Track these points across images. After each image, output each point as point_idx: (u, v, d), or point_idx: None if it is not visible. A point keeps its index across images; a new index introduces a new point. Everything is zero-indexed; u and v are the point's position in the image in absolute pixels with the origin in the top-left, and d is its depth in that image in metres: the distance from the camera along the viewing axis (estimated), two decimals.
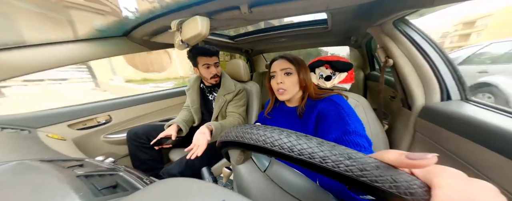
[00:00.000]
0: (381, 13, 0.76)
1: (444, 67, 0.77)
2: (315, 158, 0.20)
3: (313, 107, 0.69)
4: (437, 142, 0.69)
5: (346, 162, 0.19)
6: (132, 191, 0.39)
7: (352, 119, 0.57)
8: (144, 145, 1.09)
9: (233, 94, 1.15)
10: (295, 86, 0.72)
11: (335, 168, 0.19)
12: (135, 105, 1.33)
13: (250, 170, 0.37)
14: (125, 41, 1.00)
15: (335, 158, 0.19)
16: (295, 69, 0.71)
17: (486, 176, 0.51)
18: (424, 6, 0.60)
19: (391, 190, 0.17)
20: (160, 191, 0.29)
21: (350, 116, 0.59)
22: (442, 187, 0.16)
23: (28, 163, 0.41)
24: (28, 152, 0.67)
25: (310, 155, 0.21)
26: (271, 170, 0.37)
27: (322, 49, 3.46)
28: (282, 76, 0.72)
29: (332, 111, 0.62)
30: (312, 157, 0.20)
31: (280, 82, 0.71)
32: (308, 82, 0.72)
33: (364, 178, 0.18)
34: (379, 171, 0.18)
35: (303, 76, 0.71)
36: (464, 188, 0.15)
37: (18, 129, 0.86)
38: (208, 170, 0.56)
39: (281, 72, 0.72)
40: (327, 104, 0.65)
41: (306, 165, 0.21)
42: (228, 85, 1.16)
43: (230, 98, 1.15)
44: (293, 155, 0.22)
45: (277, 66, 0.73)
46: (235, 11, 0.66)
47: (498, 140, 0.49)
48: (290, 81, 0.71)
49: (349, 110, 0.61)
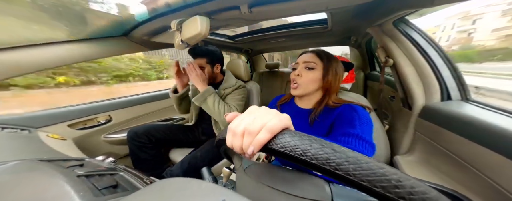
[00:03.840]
0: (381, 13, 0.76)
1: (444, 67, 0.77)
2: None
3: (327, 116, 0.63)
4: (437, 142, 0.69)
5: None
6: (132, 191, 0.39)
7: (362, 126, 0.53)
8: (145, 144, 1.09)
9: (233, 89, 1.14)
10: (313, 84, 0.64)
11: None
12: (135, 105, 1.33)
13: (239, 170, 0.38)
14: (125, 41, 0.99)
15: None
16: (321, 65, 0.64)
17: (486, 176, 0.51)
18: (424, 6, 0.60)
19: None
20: (160, 191, 0.29)
21: (362, 122, 0.54)
22: None
23: (28, 163, 0.41)
24: (28, 152, 0.67)
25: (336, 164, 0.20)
26: (250, 167, 0.37)
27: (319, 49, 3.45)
28: (302, 69, 0.65)
29: (345, 115, 0.58)
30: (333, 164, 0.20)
31: (297, 74, 0.66)
32: (332, 86, 0.64)
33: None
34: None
35: (330, 77, 0.63)
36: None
37: (18, 129, 0.86)
38: (208, 170, 0.56)
39: (303, 65, 0.66)
40: (344, 109, 0.60)
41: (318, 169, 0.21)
42: (230, 81, 1.17)
43: (229, 92, 1.14)
44: (280, 150, 0.22)
45: (301, 59, 0.67)
46: (235, 11, 0.66)
47: (498, 140, 0.49)
48: (308, 76, 0.64)
49: (363, 116, 0.56)
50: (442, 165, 0.68)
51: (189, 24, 0.66)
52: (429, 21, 11.33)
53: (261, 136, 0.24)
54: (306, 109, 0.70)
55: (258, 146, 0.24)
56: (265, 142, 0.24)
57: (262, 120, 0.25)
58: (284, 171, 0.35)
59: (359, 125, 0.53)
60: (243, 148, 0.26)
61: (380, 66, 1.55)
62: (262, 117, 0.26)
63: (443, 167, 0.68)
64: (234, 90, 1.14)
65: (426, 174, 0.70)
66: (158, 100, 1.45)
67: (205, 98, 1.01)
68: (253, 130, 0.24)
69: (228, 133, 0.27)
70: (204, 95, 1.01)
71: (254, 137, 0.24)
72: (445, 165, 0.66)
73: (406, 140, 0.86)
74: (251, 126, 0.25)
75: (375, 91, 1.57)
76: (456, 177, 0.62)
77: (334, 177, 0.20)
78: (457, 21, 47.81)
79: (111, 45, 0.96)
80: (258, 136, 0.24)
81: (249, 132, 0.25)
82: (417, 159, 0.79)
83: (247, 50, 2.12)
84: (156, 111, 1.45)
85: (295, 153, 0.21)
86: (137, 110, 1.34)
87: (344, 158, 0.19)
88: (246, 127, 0.25)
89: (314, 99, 0.69)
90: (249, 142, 0.25)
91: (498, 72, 8.74)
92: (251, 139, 0.24)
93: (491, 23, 13.62)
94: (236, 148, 0.26)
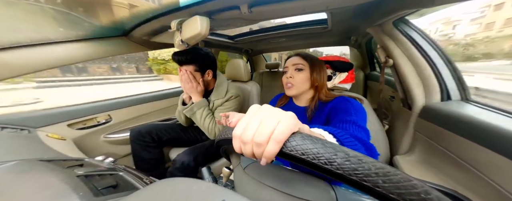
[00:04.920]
0: (381, 13, 0.76)
1: (444, 67, 0.77)
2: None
3: (322, 110, 0.69)
4: (437, 142, 0.69)
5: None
6: (132, 191, 0.39)
7: (356, 113, 0.58)
8: (148, 144, 1.09)
9: (222, 101, 1.05)
10: (305, 83, 0.71)
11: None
12: (135, 104, 1.33)
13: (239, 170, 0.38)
14: (125, 41, 0.99)
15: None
16: (307, 66, 0.71)
17: (486, 176, 0.51)
18: (424, 6, 0.60)
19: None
20: (160, 191, 0.29)
21: (356, 110, 0.59)
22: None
23: (27, 163, 0.41)
24: (28, 152, 0.67)
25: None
26: (250, 167, 0.37)
27: (317, 50, 3.46)
28: (293, 71, 0.72)
29: (340, 106, 0.63)
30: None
31: (289, 76, 0.72)
32: (320, 83, 0.72)
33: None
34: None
35: (316, 75, 0.71)
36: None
37: (18, 128, 0.86)
38: (208, 170, 0.56)
39: (293, 67, 0.72)
40: (338, 101, 0.66)
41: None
42: (220, 90, 1.07)
43: (219, 104, 1.06)
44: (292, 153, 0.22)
45: (290, 62, 0.74)
46: (235, 11, 0.66)
47: (498, 140, 0.49)
48: (300, 77, 0.71)
49: (357, 106, 0.62)
50: (442, 165, 0.68)
51: (189, 24, 0.66)
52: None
53: (270, 149, 0.23)
54: (303, 107, 0.76)
55: (270, 158, 0.24)
56: (276, 153, 0.23)
57: (268, 127, 0.24)
58: (285, 171, 0.35)
59: (354, 113, 0.57)
60: (255, 156, 0.25)
61: (380, 66, 1.55)
62: (267, 123, 0.24)
63: (443, 167, 0.68)
64: (224, 102, 1.05)
65: (425, 174, 0.70)
66: (158, 100, 1.45)
67: (194, 112, 1.00)
68: (261, 141, 0.23)
69: (235, 139, 0.27)
70: (193, 109, 1.00)
71: (264, 149, 0.24)
72: (445, 165, 0.66)
73: (406, 140, 0.86)
74: (259, 138, 0.24)
75: (375, 91, 1.57)
76: (456, 177, 0.62)
77: (357, 186, 0.19)
78: (440, 25, 50.77)
79: (111, 45, 0.96)
80: (268, 148, 0.23)
81: (257, 144, 0.24)
82: (417, 159, 0.79)
83: (247, 50, 2.12)
84: (156, 111, 1.45)
85: (319, 161, 0.20)
86: (137, 110, 1.34)
87: (372, 169, 0.19)
88: (253, 138, 0.24)
89: (308, 96, 0.76)
90: (260, 153, 0.24)
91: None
92: (261, 150, 0.24)
93: (465, 28, 14.84)
94: (248, 155, 0.26)
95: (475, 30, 12.76)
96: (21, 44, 0.75)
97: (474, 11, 16.12)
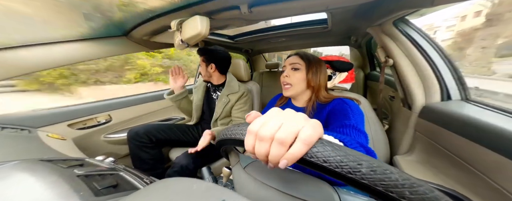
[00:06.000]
0: (381, 13, 0.76)
1: (444, 66, 0.77)
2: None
3: (321, 112, 0.68)
4: (437, 142, 0.69)
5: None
6: (132, 191, 0.39)
7: (355, 116, 0.58)
8: (145, 144, 1.09)
9: (237, 96, 1.15)
10: (301, 83, 0.71)
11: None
12: (135, 105, 1.33)
13: (238, 169, 0.38)
14: (125, 41, 0.99)
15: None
16: (304, 65, 0.71)
17: (486, 176, 0.51)
18: (424, 6, 0.60)
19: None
20: (160, 191, 0.29)
21: (355, 113, 0.59)
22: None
23: (28, 163, 0.41)
24: (28, 152, 0.67)
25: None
26: (250, 166, 0.37)
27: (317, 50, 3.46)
28: (289, 70, 0.72)
29: (338, 109, 0.63)
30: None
31: (285, 75, 0.73)
32: (317, 83, 0.71)
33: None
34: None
35: (312, 75, 0.70)
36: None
37: (18, 128, 0.85)
38: (208, 170, 0.56)
39: (290, 66, 0.73)
40: (336, 103, 0.66)
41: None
42: (233, 85, 1.18)
43: (234, 100, 1.15)
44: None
45: (288, 61, 0.74)
46: (235, 11, 0.66)
47: (498, 140, 0.49)
48: (296, 76, 0.70)
49: (355, 108, 0.62)
50: (441, 165, 0.68)
51: (189, 24, 0.66)
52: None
53: (296, 150, 0.20)
54: (301, 108, 0.76)
55: (293, 160, 0.21)
56: (301, 156, 0.20)
57: (293, 127, 0.21)
58: (286, 172, 0.35)
59: (352, 116, 0.58)
60: (269, 157, 0.22)
61: (380, 66, 1.55)
62: (291, 122, 0.22)
63: (442, 167, 0.68)
64: (239, 99, 1.16)
65: (425, 174, 0.70)
66: (158, 100, 1.45)
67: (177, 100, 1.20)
68: (285, 139, 0.21)
69: (249, 135, 0.24)
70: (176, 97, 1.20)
71: (286, 148, 0.21)
72: (445, 165, 0.66)
73: (406, 140, 0.86)
74: (282, 134, 0.21)
75: (375, 91, 1.57)
76: (455, 177, 0.62)
77: (380, 196, 0.19)
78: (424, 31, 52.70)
79: (111, 45, 0.96)
80: (294, 149, 0.20)
81: (280, 141, 0.21)
82: (417, 159, 0.79)
83: (247, 50, 2.12)
84: (156, 111, 1.45)
85: (342, 170, 0.20)
86: (137, 110, 1.34)
87: (399, 180, 0.19)
88: (275, 135, 0.21)
89: (305, 97, 0.75)
90: (280, 154, 0.21)
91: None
92: (283, 151, 0.21)
93: (442, 35, 15.42)
94: (260, 156, 0.23)
95: (449, 36, 13.40)
96: (20, 44, 0.75)
97: (450, 18, 16.35)
